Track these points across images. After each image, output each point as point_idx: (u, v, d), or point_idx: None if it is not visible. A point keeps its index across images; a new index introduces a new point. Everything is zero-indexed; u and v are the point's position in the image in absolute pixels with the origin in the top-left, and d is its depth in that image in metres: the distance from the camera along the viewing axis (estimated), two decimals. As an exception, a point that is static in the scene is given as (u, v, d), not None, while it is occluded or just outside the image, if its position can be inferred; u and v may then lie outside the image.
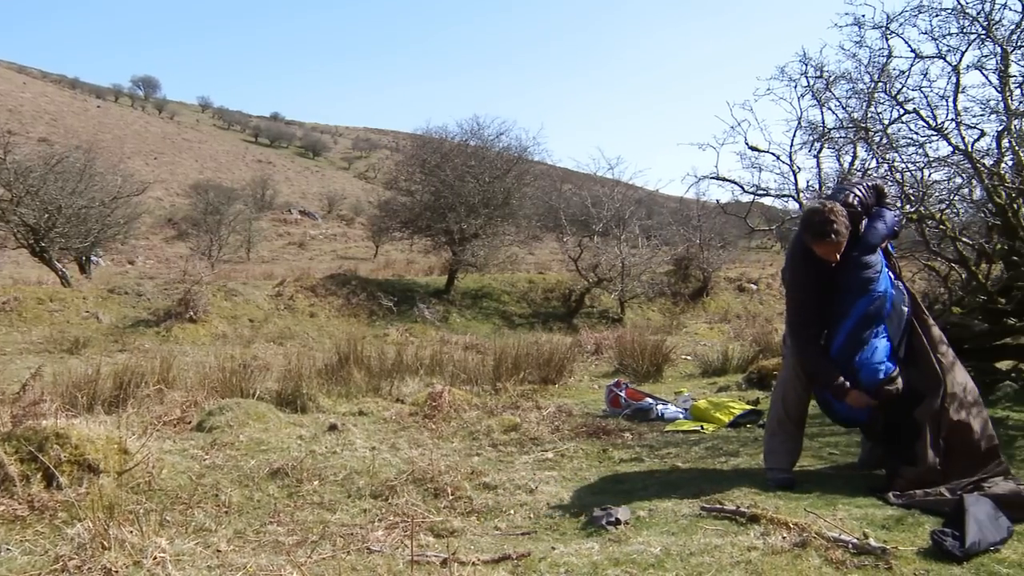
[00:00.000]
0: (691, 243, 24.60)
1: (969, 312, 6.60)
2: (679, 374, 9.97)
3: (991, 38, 6.52)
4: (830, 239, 4.39)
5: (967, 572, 3.24)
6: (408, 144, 27.49)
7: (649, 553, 3.48)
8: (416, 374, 8.45)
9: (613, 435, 6.19)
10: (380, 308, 18.56)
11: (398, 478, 4.70)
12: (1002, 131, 6.30)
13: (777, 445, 4.74)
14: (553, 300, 21.53)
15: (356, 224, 44.95)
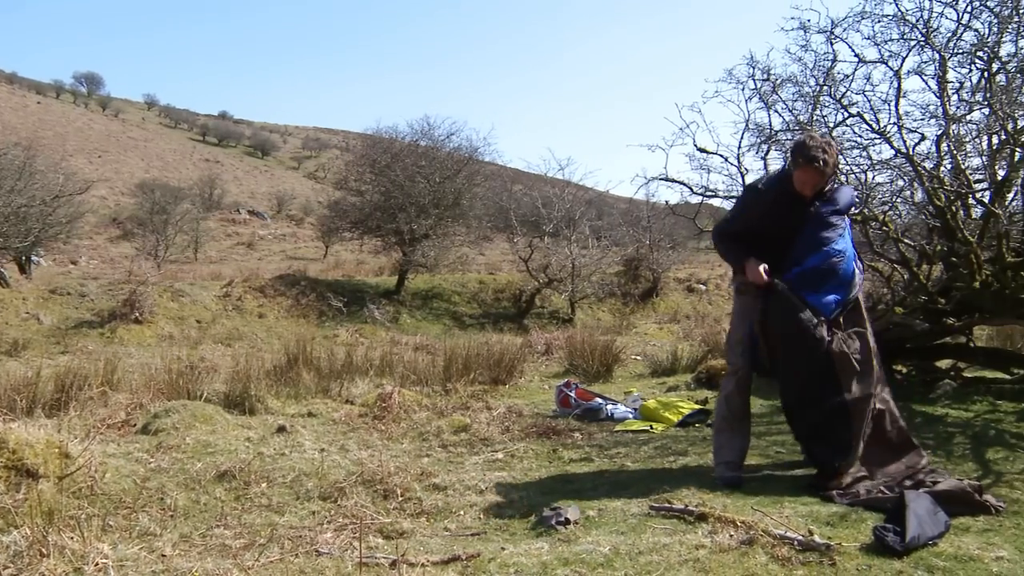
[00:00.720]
0: (641, 244, 24.75)
1: (911, 312, 6.72)
2: (629, 374, 10.02)
3: (930, 45, 6.67)
4: (818, 164, 4.48)
5: (907, 566, 3.31)
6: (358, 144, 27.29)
7: (598, 552, 3.50)
8: (366, 375, 8.40)
9: (563, 435, 6.21)
10: (330, 309, 18.42)
11: (347, 480, 4.67)
12: (941, 135, 6.44)
13: (725, 441, 4.82)
14: (503, 301, 21.54)
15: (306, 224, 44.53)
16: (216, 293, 17.52)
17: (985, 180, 6.75)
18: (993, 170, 6.53)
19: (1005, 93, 6.23)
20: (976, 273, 6.30)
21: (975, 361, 7.04)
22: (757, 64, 7.40)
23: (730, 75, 7.48)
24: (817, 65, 7.32)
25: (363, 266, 27.01)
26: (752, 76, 7.42)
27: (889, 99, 6.93)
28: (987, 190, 6.63)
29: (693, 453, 5.49)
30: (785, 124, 7.47)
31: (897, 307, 6.74)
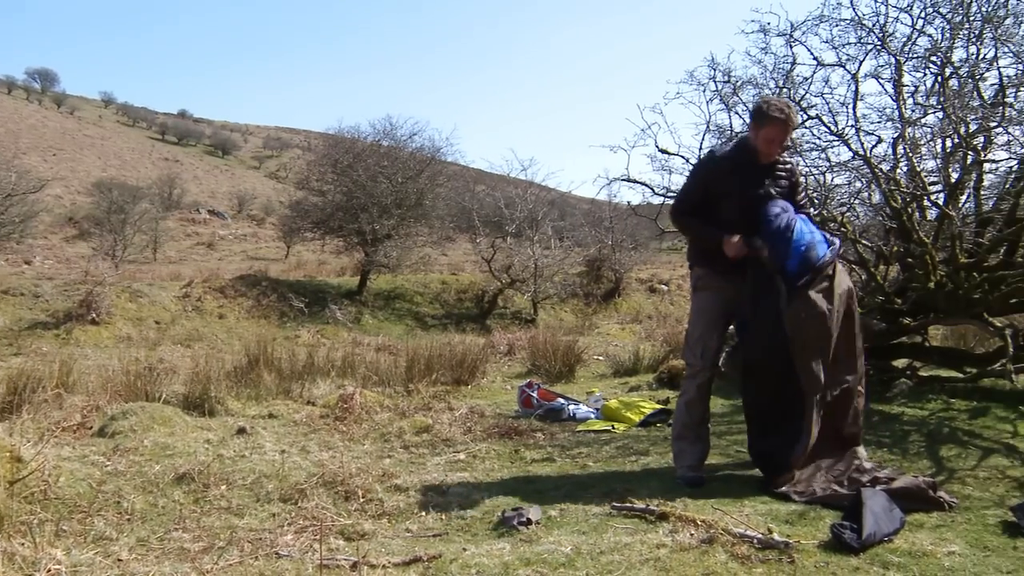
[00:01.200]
0: (603, 244, 24.84)
1: (868, 312, 6.81)
2: (591, 374, 10.06)
3: (886, 49, 6.78)
4: (782, 116, 4.60)
5: (863, 562, 3.36)
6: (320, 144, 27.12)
7: (560, 552, 3.51)
8: (327, 376, 8.35)
9: (525, 435, 6.22)
10: (291, 309, 18.29)
11: (308, 481, 4.65)
12: (897, 138, 6.53)
13: (686, 446, 4.84)
14: (466, 301, 21.52)
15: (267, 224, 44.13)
16: (175, 294, 17.33)
17: (939, 182, 6.86)
18: (947, 173, 6.64)
19: (957, 97, 6.34)
20: (931, 274, 6.40)
21: (930, 360, 7.14)
22: (718, 66, 7.48)
23: (691, 77, 7.56)
24: (777, 68, 7.41)
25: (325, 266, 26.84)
26: (713, 78, 7.50)
27: (847, 102, 7.04)
28: (941, 192, 6.74)
29: (655, 453, 5.53)
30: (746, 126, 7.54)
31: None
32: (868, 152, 6.67)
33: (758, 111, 4.69)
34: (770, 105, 4.66)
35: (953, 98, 6.31)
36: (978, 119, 6.37)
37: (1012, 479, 4.56)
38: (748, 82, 7.48)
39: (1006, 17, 6.61)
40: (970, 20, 6.63)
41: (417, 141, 22.57)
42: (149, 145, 70.85)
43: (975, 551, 3.48)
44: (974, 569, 3.27)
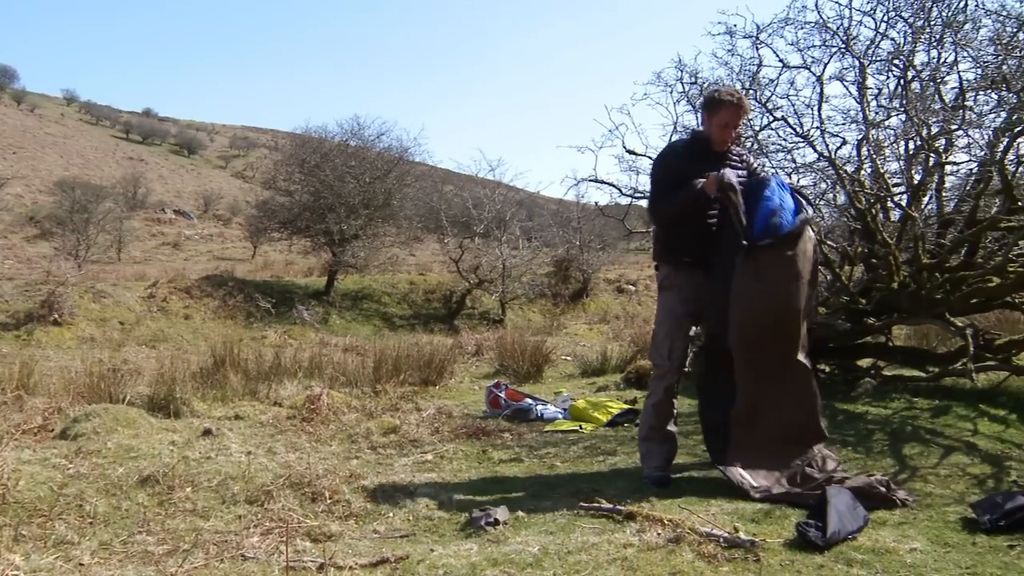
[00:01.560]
0: (571, 245, 24.87)
1: (833, 312, 6.89)
2: (559, 374, 10.08)
3: (850, 52, 6.86)
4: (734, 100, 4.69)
5: (828, 560, 3.40)
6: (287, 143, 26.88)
7: (527, 553, 3.51)
8: (294, 377, 8.30)
9: (493, 436, 6.22)
10: (258, 310, 18.15)
11: (274, 483, 4.61)
12: (861, 140, 6.61)
13: (653, 447, 4.85)
14: (434, 301, 21.48)
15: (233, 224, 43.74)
16: (140, 294, 17.13)
17: (903, 184, 6.95)
18: (910, 174, 6.73)
19: (920, 100, 6.43)
20: (895, 274, 6.48)
21: (894, 360, 7.22)
22: (685, 67, 7.55)
23: (658, 78, 7.61)
24: (743, 69, 7.48)
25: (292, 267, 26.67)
26: (680, 79, 7.56)
27: (812, 104, 7.12)
28: (904, 194, 6.84)
29: (622, 453, 5.55)
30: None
31: (820, 307, 6.90)
32: (833, 154, 6.75)
33: (710, 99, 4.79)
34: (720, 91, 4.79)
35: (915, 101, 6.40)
36: (939, 122, 6.47)
37: (972, 476, 4.63)
38: (715, 83, 7.54)
39: (965, 22, 6.72)
40: (931, 25, 6.73)
41: (385, 141, 22.53)
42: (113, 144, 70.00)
43: (936, 547, 3.53)
44: (935, 565, 3.32)
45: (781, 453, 4.53)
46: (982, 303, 6.57)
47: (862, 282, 7.06)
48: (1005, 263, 5.99)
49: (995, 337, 6.67)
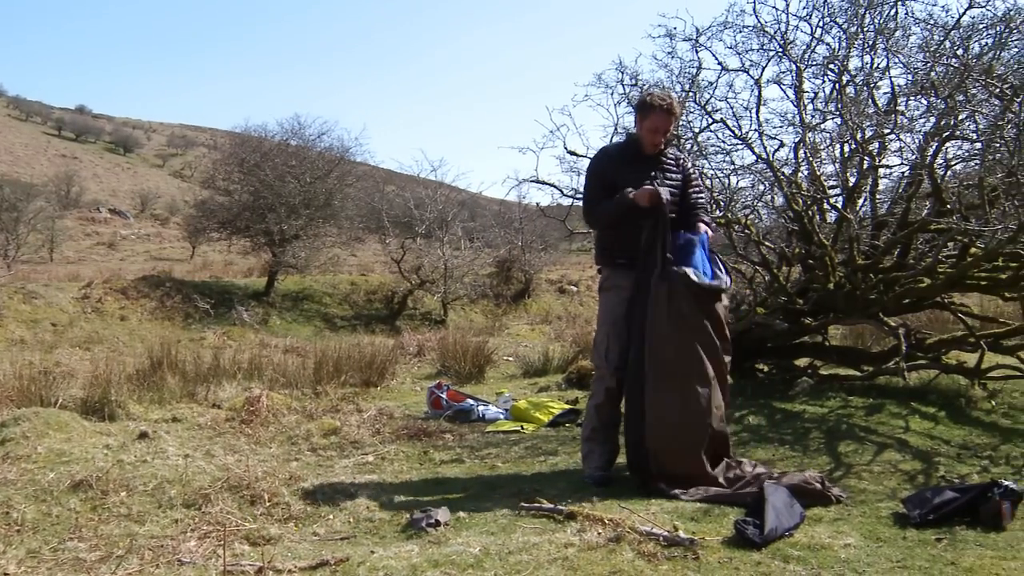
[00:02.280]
0: (513, 245, 24.90)
1: (771, 312, 6.98)
2: (501, 375, 10.08)
3: (787, 56, 6.97)
4: (666, 106, 4.71)
5: (765, 557, 3.45)
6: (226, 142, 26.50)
7: (468, 553, 3.51)
8: (234, 378, 8.20)
9: (434, 437, 6.20)
10: (196, 311, 17.87)
11: (212, 486, 4.54)
12: (798, 143, 6.72)
13: (595, 447, 4.87)
14: (376, 302, 21.35)
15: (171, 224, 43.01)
16: (74, 295, 16.76)
17: (838, 186, 7.08)
18: (845, 177, 6.85)
19: (854, 104, 6.56)
20: (831, 275, 6.60)
21: (830, 359, 7.34)
22: (625, 69, 7.58)
23: (599, 79, 7.63)
24: (683, 72, 7.55)
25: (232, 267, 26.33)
26: (621, 81, 7.59)
27: (750, 107, 7.21)
28: (840, 196, 6.96)
29: (563, 453, 5.57)
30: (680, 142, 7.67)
31: (759, 307, 6.99)
32: (771, 156, 6.85)
33: (641, 103, 4.81)
34: (652, 96, 4.79)
35: (850, 105, 6.52)
36: (873, 126, 6.60)
37: (903, 472, 4.74)
38: (655, 85, 7.60)
39: (896, 30, 6.86)
40: (864, 31, 6.86)
41: (326, 141, 22.36)
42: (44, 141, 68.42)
43: (869, 542, 3.61)
44: (867, 560, 3.39)
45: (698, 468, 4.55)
46: (914, 303, 6.72)
47: (799, 283, 7.16)
48: (935, 264, 6.13)
49: (926, 336, 6.83)
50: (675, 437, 4.53)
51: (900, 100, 6.67)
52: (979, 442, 5.34)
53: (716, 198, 7.18)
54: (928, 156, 6.21)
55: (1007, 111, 5.56)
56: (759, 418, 6.12)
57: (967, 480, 4.45)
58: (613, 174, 4.80)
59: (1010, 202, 5.75)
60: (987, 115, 6.14)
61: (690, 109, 7.40)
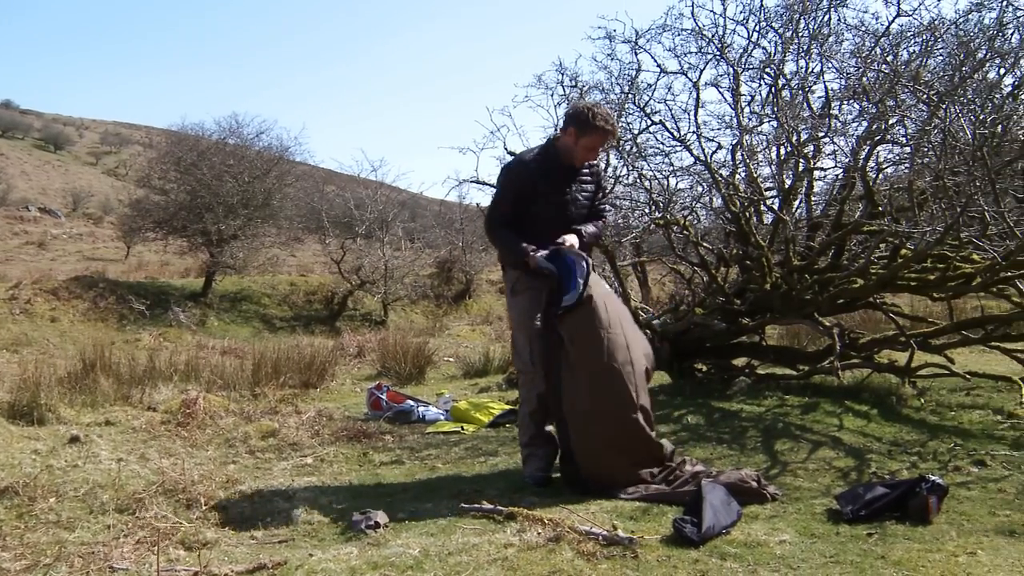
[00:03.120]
0: (454, 246, 24.85)
1: (710, 313, 7.06)
2: (441, 376, 10.07)
3: (724, 59, 7.07)
4: (609, 127, 4.67)
5: (703, 554, 3.49)
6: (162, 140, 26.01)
7: (408, 555, 3.49)
8: (170, 380, 8.06)
9: (374, 438, 6.16)
10: (131, 312, 17.52)
11: (147, 490, 4.44)
12: (736, 145, 6.82)
13: (535, 450, 4.85)
14: (315, 303, 21.15)
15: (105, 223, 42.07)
16: (1, 296, 16.32)
17: (774, 188, 7.20)
18: (781, 179, 6.97)
19: (790, 108, 6.68)
20: (767, 276, 6.70)
21: (767, 359, 7.43)
22: (566, 71, 7.62)
23: (539, 81, 7.66)
24: (622, 74, 7.62)
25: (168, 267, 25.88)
26: (561, 82, 7.63)
27: (689, 109, 7.29)
28: (776, 198, 7.08)
29: (504, 453, 5.57)
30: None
31: (697, 308, 7.07)
32: (709, 158, 6.93)
33: (583, 118, 4.63)
34: (595, 114, 4.62)
35: (785, 108, 6.64)
36: (808, 129, 6.73)
37: (837, 469, 4.83)
38: (594, 87, 7.66)
39: (829, 35, 7.01)
40: (799, 36, 6.99)
41: (264, 140, 22.12)
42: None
43: (803, 538, 3.67)
44: (802, 556, 3.45)
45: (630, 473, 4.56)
46: (847, 303, 6.85)
47: (737, 283, 7.26)
48: (867, 265, 6.27)
49: (859, 336, 6.98)
50: (595, 436, 4.54)
51: (834, 104, 6.82)
52: (909, 439, 5.46)
53: (655, 200, 7.25)
54: (860, 159, 6.35)
55: (934, 117, 5.71)
56: (698, 417, 6.19)
57: (897, 476, 4.55)
58: (531, 188, 4.70)
59: (937, 205, 5.91)
60: (915, 120, 6.30)
61: (629, 111, 7.46)
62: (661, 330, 7.22)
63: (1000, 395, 6.47)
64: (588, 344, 4.53)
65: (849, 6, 7.47)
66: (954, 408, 6.22)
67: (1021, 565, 3.28)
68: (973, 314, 7.50)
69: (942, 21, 6.60)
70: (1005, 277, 5.89)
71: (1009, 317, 6.19)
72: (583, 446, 4.55)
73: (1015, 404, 6.00)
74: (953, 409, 6.19)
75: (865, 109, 6.54)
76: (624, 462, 4.52)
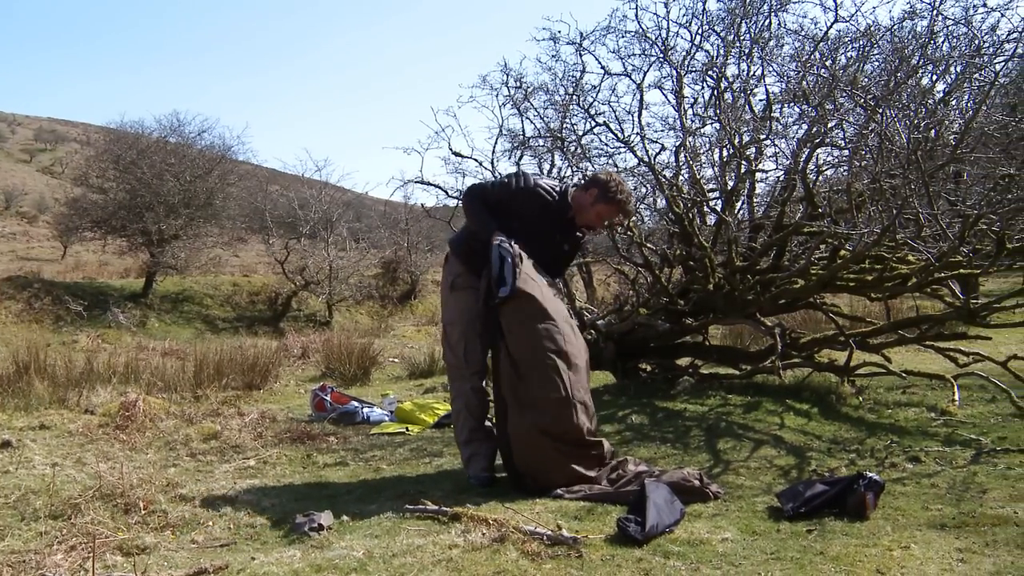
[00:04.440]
0: (399, 246, 24.77)
1: (654, 313, 7.11)
2: (386, 377, 10.02)
3: (668, 62, 7.14)
4: (629, 208, 4.93)
5: (646, 553, 3.51)
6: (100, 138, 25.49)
7: (352, 557, 3.47)
8: (109, 383, 7.91)
9: (318, 440, 6.11)
10: (68, 313, 17.16)
11: (83, 495, 4.34)
12: (679, 146, 6.88)
13: (476, 448, 4.85)
14: (259, 303, 20.92)
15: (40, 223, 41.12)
16: (-70, 296, 15.89)
17: (717, 190, 7.28)
18: (724, 181, 7.05)
19: (732, 110, 6.76)
20: (710, 276, 6.77)
21: (710, 358, 7.51)
22: (510, 72, 7.64)
23: (484, 81, 7.67)
24: (567, 75, 7.67)
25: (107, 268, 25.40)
26: (506, 83, 7.65)
27: (632, 110, 7.37)
28: (719, 199, 7.16)
29: (448, 454, 5.55)
30: (537, 131, 7.76)
31: (642, 308, 7.12)
32: (652, 159, 6.99)
33: (608, 189, 4.75)
34: (622, 190, 4.78)
35: (728, 111, 6.73)
36: (750, 131, 6.82)
37: (778, 467, 4.90)
38: (539, 88, 7.69)
39: (770, 39, 7.12)
40: (740, 39, 7.09)
41: (206, 138, 21.90)
42: None
43: (745, 536, 3.72)
44: (744, 553, 3.49)
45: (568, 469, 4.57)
46: (789, 303, 6.95)
47: (681, 284, 7.31)
48: (808, 266, 6.37)
49: (800, 336, 7.09)
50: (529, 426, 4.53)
51: (775, 107, 6.92)
52: (847, 436, 5.57)
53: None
54: (801, 162, 6.45)
55: (871, 121, 5.82)
56: (642, 417, 6.23)
57: (836, 473, 4.62)
58: (524, 209, 4.73)
59: (875, 207, 6.03)
60: (853, 124, 6.42)
61: (574, 112, 7.50)
62: (606, 330, 7.27)
63: (934, 393, 6.64)
64: (525, 333, 4.54)
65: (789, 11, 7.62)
66: (891, 406, 6.36)
67: (951, 557, 3.37)
68: (909, 314, 7.66)
69: (878, 28, 6.74)
70: (939, 278, 6.04)
71: (942, 317, 6.33)
72: (518, 433, 4.55)
73: (948, 402, 6.16)
74: (890, 407, 6.33)
75: (805, 112, 6.65)
76: (559, 455, 4.52)
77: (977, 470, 4.65)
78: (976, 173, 6.24)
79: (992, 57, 6.09)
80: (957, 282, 6.46)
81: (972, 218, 5.50)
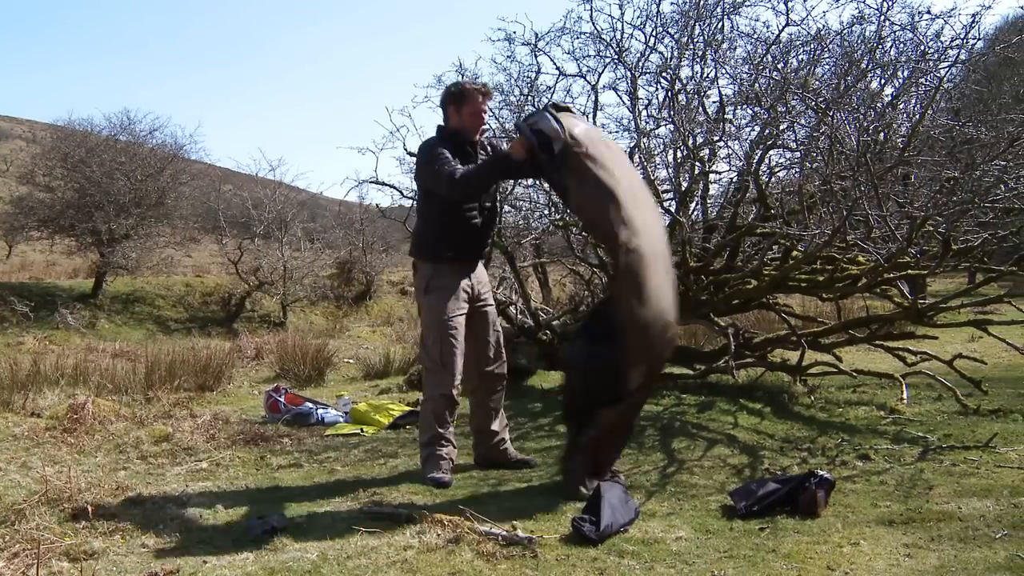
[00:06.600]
0: (354, 247, 24.60)
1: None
2: (342, 378, 9.96)
3: (622, 63, 7.17)
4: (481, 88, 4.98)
5: (601, 552, 3.54)
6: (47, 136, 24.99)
7: (306, 560, 3.45)
8: (56, 385, 7.77)
9: (272, 441, 6.05)
10: (14, 314, 16.79)
11: (28, 500, 4.25)
12: (633, 147, 6.91)
13: (435, 450, 4.82)
14: (212, 304, 20.67)
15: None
16: None
17: (671, 191, 7.33)
18: (678, 182, 7.10)
19: (686, 112, 6.81)
20: (664, 277, 6.80)
21: (665, 358, 7.57)
22: (465, 72, 7.63)
23: (439, 81, 7.65)
24: (522, 76, 7.67)
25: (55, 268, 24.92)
26: (460, 83, 7.62)
27: (588, 111, 7.37)
28: (673, 200, 7.21)
29: (404, 455, 5.53)
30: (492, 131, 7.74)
31: (595, 310, 7.14)
32: (607, 160, 7.00)
33: (458, 92, 4.89)
34: (463, 84, 5.02)
35: (681, 112, 6.77)
36: (703, 133, 6.88)
37: (731, 466, 4.96)
38: (494, 88, 7.68)
39: (723, 42, 7.18)
40: (694, 41, 7.14)
41: (158, 137, 21.48)
42: None
43: (699, 534, 3.75)
44: (697, 551, 3.53)
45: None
46: (742, 304, 7.03)
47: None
48: (761, 266, 6.44)
49: (753, 336, 7.17)
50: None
51: (728, 109, 6.98)
52: (799, 435, 5.64)
53: (555, 201, 7.32)
54: (754, 163, 6.53)
55: (822, 123, 5.90)
56: (597, 416, 6.24)
57: (788, 471, 4.69)
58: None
59: (826, 208, 6.12)
60: (805, 126, 6.51)
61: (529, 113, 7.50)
62: (561, 331, 7.28)
63: (883, 391, 6.76)
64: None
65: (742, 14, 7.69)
66: (841, 405, 6.46)
67: (898, 553, 3.44)
68: (859, 314, 7.79)
69: (828, 32, 6.83)
70: (888, 278, 6.15)
71: (892, 316, 6.45)
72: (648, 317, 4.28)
73: (896, 400, 6.28)
74: (841, 406, 6.43)
75: (757, 114, 6.72)
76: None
77: (924, 467, 4.74)
78: (923, 176, 6.35)
79: (937, 63, 6.20)
80: (905, 282, 6.59)
81: (919, 220, 5.60)
